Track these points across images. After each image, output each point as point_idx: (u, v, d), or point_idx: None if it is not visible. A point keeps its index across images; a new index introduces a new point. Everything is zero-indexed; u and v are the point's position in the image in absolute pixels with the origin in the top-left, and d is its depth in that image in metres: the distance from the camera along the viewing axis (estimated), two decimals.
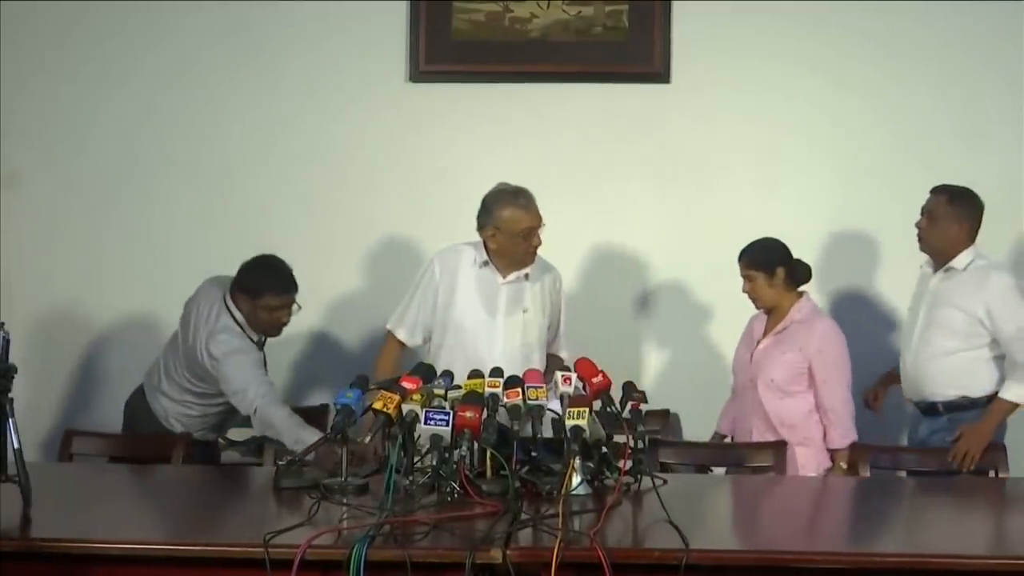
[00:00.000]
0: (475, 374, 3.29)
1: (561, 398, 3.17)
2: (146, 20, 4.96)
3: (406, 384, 3.07)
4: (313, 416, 4.58)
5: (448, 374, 3.32)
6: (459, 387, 3.22)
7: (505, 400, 3.12)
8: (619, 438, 3.16)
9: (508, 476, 2.91)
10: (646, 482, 3.07)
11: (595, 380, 3.21)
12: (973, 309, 3.91)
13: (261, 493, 3.12)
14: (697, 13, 4.82)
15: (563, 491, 2.89)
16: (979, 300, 3.90)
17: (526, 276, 3.94)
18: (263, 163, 4.97)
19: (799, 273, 4.06)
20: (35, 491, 2.80)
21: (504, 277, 3.93)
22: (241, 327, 3.95)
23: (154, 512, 3.11)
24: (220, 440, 4.19)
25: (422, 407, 3.02)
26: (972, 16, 4.76)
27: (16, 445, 2.80)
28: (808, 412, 3.97)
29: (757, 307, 4.10)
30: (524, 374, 3.29)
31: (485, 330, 3.90)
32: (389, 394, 3.01)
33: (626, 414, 3.14)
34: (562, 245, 4.66)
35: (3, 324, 2.85)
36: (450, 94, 4.91)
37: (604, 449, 3.14)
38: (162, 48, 4.97)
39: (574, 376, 3.22)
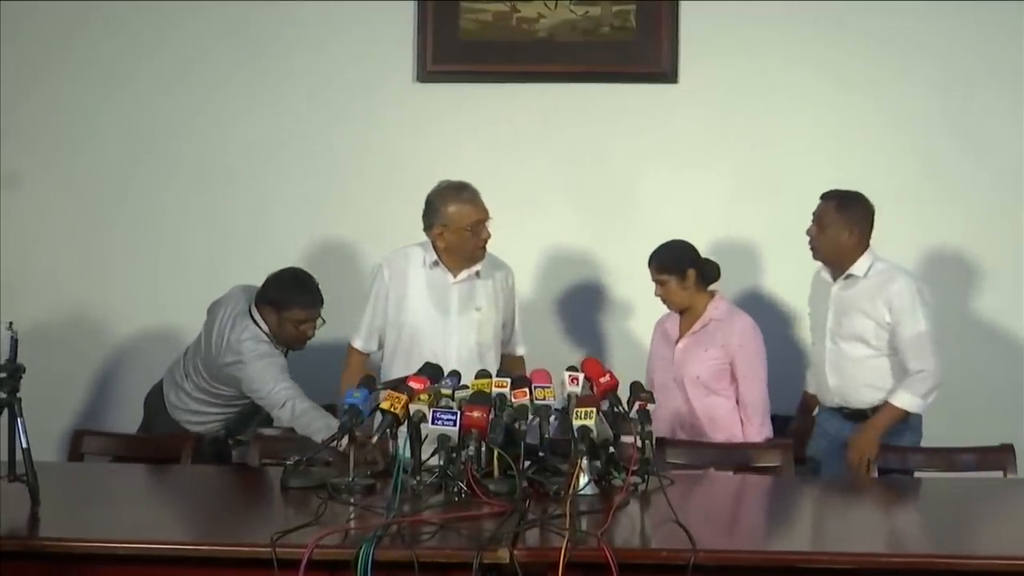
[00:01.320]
0: (482, 374, 3.29)
1: (568, 398, 3.17)
2: (148, 20, 4.95)
3: (413, 384, 3.07)
4: None
5: (455, 374, 3.32)
6: (466, 387, 3.22)
7: (512, 400, 3.12)
8: (626, 438, 3.16)
9: (515, 476, 2.91)
10: (653, 482, 3.06)
11: (602, 380, 3.21)
12: (879, 315, 3.91)
13: (268, 493, 3.12)
14: (704, 13, 4.81)
15: (570, 491, 2.88)
16: (883, 305, 3.90)
17: (477, 274, 3.93)
18: (267, 164, 4.96)
19: (709, 272, 4.08)
20: (43, 491, 2.80)
21: (455, 276, 3.92)
22: (267, 336, 3.95)
23: (161, 512, 3.12)
24: (229, 440, 4.20)
25: (429, 407, 3.01)
26: (975, 15, 4.75)
27: (25, 444, 2.80)
28: (731, 410, 4.01)
29: (671, 309, 4.13)
30: (531, 374, 3.29)
31: (439, 330, 3.89)
32: (396, 394, 3.01)
33: (633, 414, 3.13)
34: (568, 244, 4.67)
35: (12, 324, 2.86)
36: (457, 94, 4.90)
37: (611, 449, 3.13)
38: (165, 48, 4.97)
39: (581, 376, 3.21)
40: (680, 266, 4.03)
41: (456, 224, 3.83)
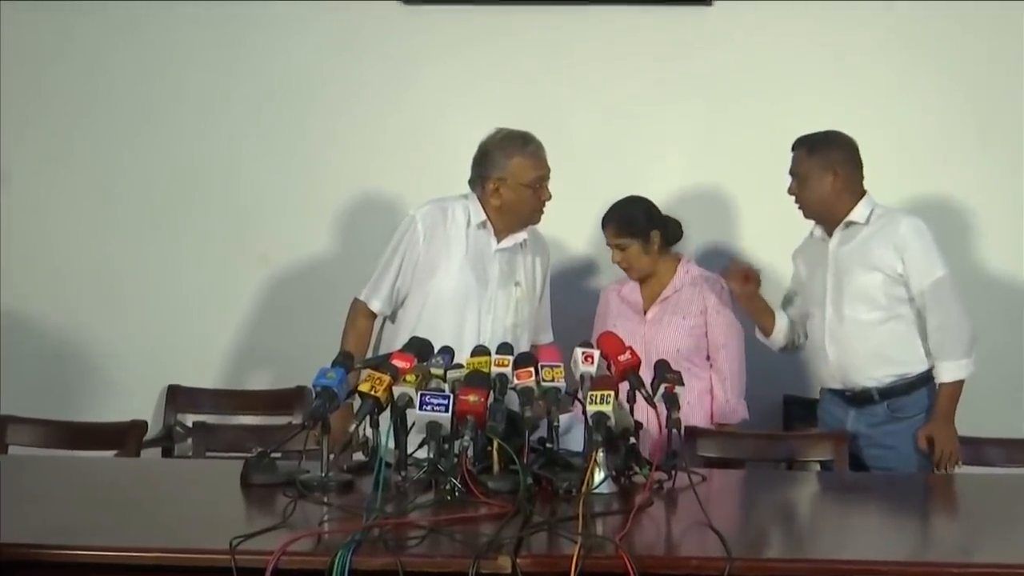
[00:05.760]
0: (480, 350, 3.27)
1: (582, 379, 3.15)
2: None
3: (398, 362, 3.05)
4: (287, 399, 4.60)
5: (448, 351, 3.30)
6: (461, 366, 3.20)
7: (515, 382, 3.10)
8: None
9: (519, 471, 2.89)
10: (681, 479, 3.05)
11: (622, 358, 3.18)
12: (889, 263, 3.88)
13: (227, 490, 3.12)
14: None
15: (584, 489, 2.88)
16: (892, 250, 3.88)
17: (522, 244, 3.94)
18: (240, 102, 5.04)
19: (673, 233, 4.19)
20: None
21: (499, 242, 3.91)
22: None
23: (103, 512, 3.10)
24: (178, 428, 4.21)
25: (417, 389, 3.00)
26: None
27: None
28: (703, 392, 4.12)
29: (632, 277, 4.21)
30: (538, 351, 3.27)
31: (474, 302, 3.90)
32: (378, 374, 2.99)
33: (659, 399, 3.11)
34: (587, 189, 4.66)
35: None
36: (453, 19, 4.93)
37: (632, 440, 3.10)
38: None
39: (596, 353, 3.19)
40: (644, 229, 4.11)
41: (517, 179, 3.86)
